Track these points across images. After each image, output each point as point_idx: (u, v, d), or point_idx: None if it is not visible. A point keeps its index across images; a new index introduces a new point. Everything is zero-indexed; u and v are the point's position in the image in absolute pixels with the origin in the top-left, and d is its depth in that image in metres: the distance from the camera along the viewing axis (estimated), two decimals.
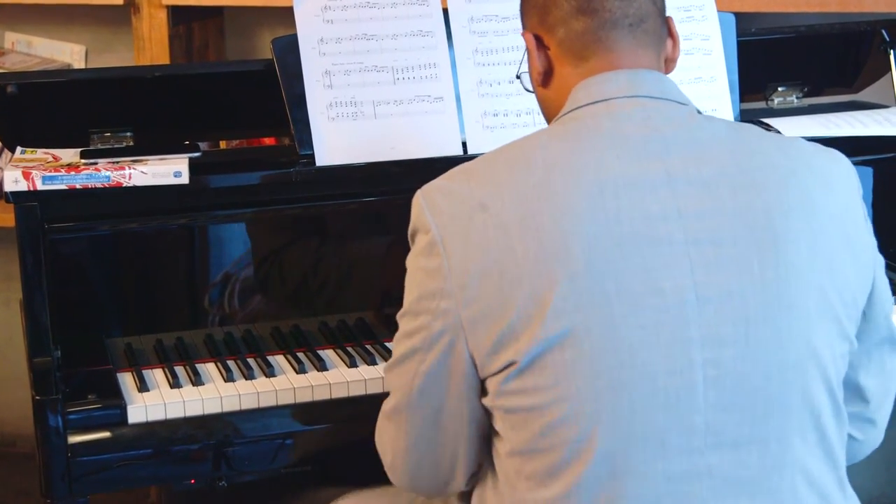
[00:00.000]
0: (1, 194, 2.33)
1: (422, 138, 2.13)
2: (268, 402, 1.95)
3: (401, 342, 1.54)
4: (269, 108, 2.13)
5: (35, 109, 2.16)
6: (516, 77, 1.78)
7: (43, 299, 1.96)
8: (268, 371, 2.00)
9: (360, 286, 2.16)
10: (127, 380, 1.97)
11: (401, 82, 2.14)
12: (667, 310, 1.43)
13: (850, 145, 1.84)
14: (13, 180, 1.93)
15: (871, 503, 2.89)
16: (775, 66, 2.52)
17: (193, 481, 1.99)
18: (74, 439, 1.87)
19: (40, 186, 1.94)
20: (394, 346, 1.56)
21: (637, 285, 1.42)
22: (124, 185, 1.97)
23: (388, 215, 2.15)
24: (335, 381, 1.99)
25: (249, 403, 1.94)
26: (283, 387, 1.96)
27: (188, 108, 2.27)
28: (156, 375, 2.00)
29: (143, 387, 1.94)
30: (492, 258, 1.43)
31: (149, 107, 2.23)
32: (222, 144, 2.67)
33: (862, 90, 2.62)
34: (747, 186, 1.47)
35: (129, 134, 2.14)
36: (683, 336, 1.43)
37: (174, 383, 1.95)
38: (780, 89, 2.51)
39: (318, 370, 2.02)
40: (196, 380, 1.97)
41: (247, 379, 1.98)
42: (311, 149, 2.09)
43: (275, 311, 2.14)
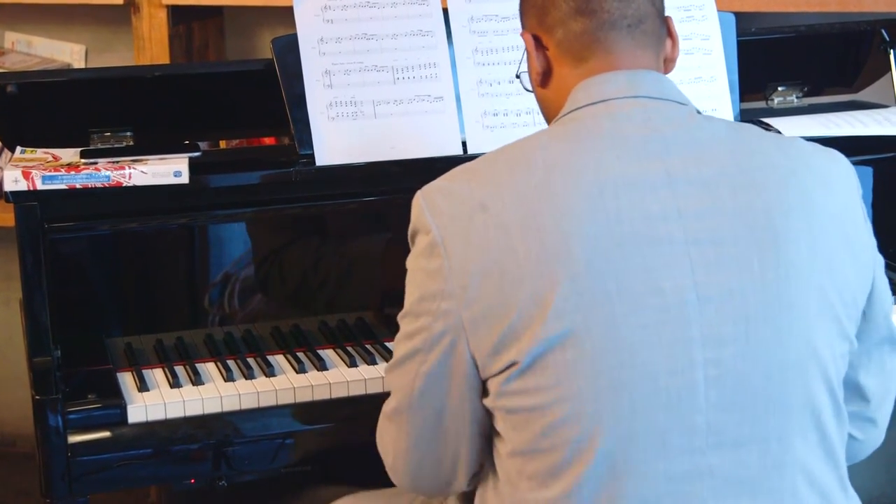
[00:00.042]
0: (1, 194, 2.33)
1: (422, 138, 2.13)
2: (268, 401, 1.95)
3: (402, 343, 1.54)
4: (269, 108, 2.13)
5: (35, 109, 2.16)
6: (516, 77, 1.78)
7: (43, 299, 1.96)
8: (268, 371, 2.00)
9: (360, 286, 2.16)
10: (127, 379, 1.97)
11: (401, 82, 2.14)
12: (667, 309, 1.43)
13: (849, 145, 1.84)
14: (13, 180, 1.93)
15: (871, 503, 2.89)
16: (775, 65, 2.52)
17: (193, 481, 1.99)
18: (74, 439, 1.87)
19: (40, 186, 1.94)
20: (395, 347, 1.56)
21: (638, 285, 1.42)
22: (124, 184, 1.97)
23: (388, 215, 2.15)
24: (335, 380, 1.99)
25: (249, 403, 1.94)
26: (283, 386, 1.96)
27: (188, 107, 2.27)
28: (156, 375, 2.00)
29: (143, 386, 1.94)
30: (492, 258, 1.43)
31: (149, 106, 2.23)
32: (222, 144, 2.67)
33: (862, 90, 2.61)
34: (747, 186, 1.47)
35: (129, 134, 2.14)
36: (684, 336, 1.43)
37: (174, 383, 1.95)
38: (780, 89, 2.51)
39: (318, 370, 2.02)
40: (196, 379, 1.97)
41: (247, 379, 1.98)
42: (311, 148, 2.09)
43: (275, 310, 2.14)
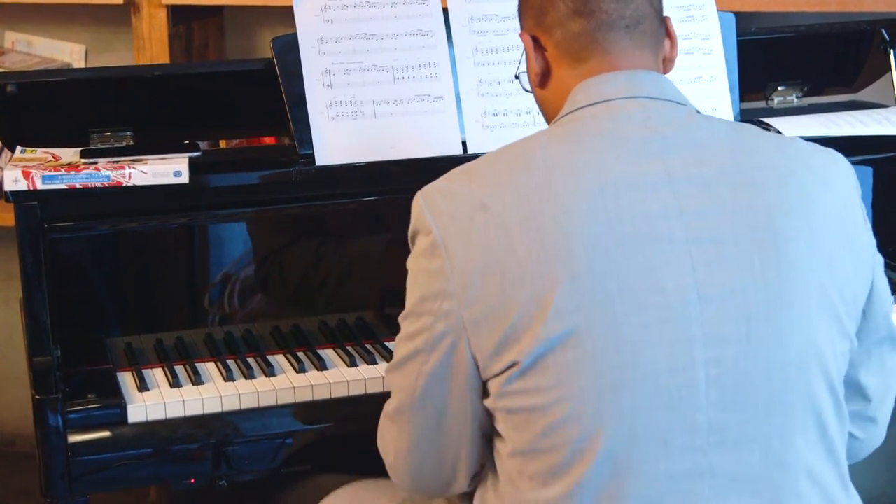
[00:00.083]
0: (1, 193, 2.32)
1: (422, 138, 2.13)
2: (268, 401, 1.95)
3: (403, 343, 1.54)
4: (269, 108, 2.13)
5: (35, 109, 2.16)
6: (515, 77, 1.78)
7: (43, 298, 1.95)
8: (268, 370, 2.00)
9: (360, 286, 2.16)
10: (127, 379, 1.97)
11: (401, 82, 2.14)
12: (669, 308, 1.43)
13: (849, 145, 1.85)
14: (13, 180, 1.93)
15: (871, 503, 2.89)
16: (775, 65, 2.52)
17: (193, 481, 1.98)
18: (74, 439, 1.87)
19: (40, 186, 1.94)
20: (396, 348, 1.56)
21: (639, 284, 1.43)
22: (124, 184, 1.97)
23: (388, 215, 2.15)
24: (335, 380, 1.99)
25: (249, 403, 1.94)
26: (282, 386, 1.96)
27: (188, 107, 2.27)
28: (156, 375, 2.00)
29: (142, 386, 1.94)
30: (493, 259, 1.43)
31: (149, 106, 2.23)
32: (222, 144, 2.67)
33: (862, 90, 2.61)
34: (747, 186, 1.47)
35: (129, 133, 2.14)
36: (685, 335, 1.43)
37: (174, 383, 1.95)
38: (780, 89, 2.51)
39: (317, 370, 2.02)
40: (196, 379, 1.97)
41: (247, 378, 1.98)
42: (311, 148, 2.09)
43: (275, 310, 2.14)
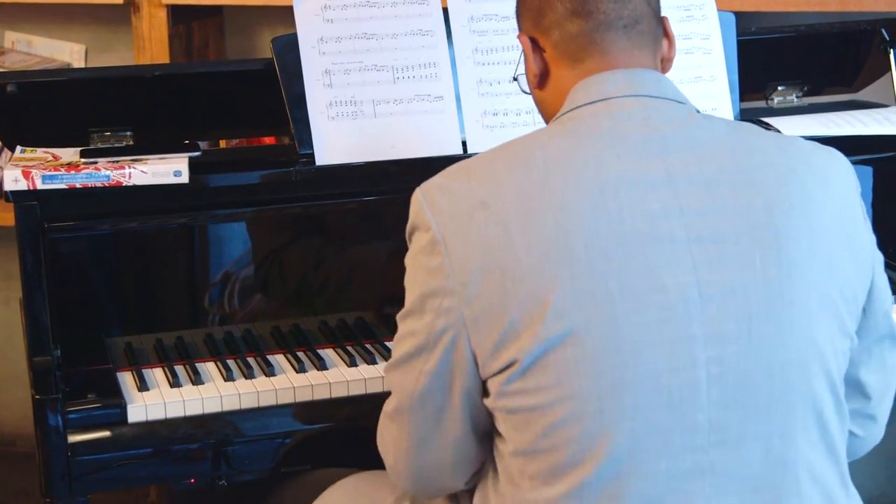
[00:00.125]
0: (1, 193, 2.32)
1: (422, 137, 2.13)
2: (267, 401, 1.95)
3: (403, 341, 1.53)
4: (269, 108, 2.13)
5: (35, 108, 2.16)
6: (513, 79, 1.78)
7: (43, 298, 1.95)
8: (267, 370, 2.00)
9: (360, 285, 2.16)
10: (127, 379, 1.97)
11: (401, 81, 2.14)
12: (670, 307, 1.43)
13: (849, 144, 1.84)
14: (13, 179, 1.93)
15: (871, 502, 2.89)
16: (775, 65, 2.52)
17: (193, 480, 1.98)
18: (74, 438, 1.87)
19: (40, 185, 1.94)
20: (395, 346, 1.56)
21: (640, 283, 1.42)
22: (124, 184, 1.97)
23: (388, 215, 2.14)
24: (335, 380, 1.99)
25: (249, 403, 1.94)
26: (282, 386, 1.96)
27: (188, 107, 2.27)
28: (156, 375, 2.00)
29: (142, 386, 1.94)
30: (493, 256, 1.43)
31: (149, 106, 2.23)
32: (222, 144, 2.67)
33: (862, 89, 2.61)
34: (747, 184, 1.47)
35: (128, 133, 2.14)
36: (686, 334, 1.43)
37: (174, 382, 1.95)
38: (780, 88, 2.51)
39: (317, 369, 2.02)
40: (196, 379, 1.97)
41: (247, 378, 1.98)
42: (311, 148, 2.09)
43: (275, 310, 2.14)
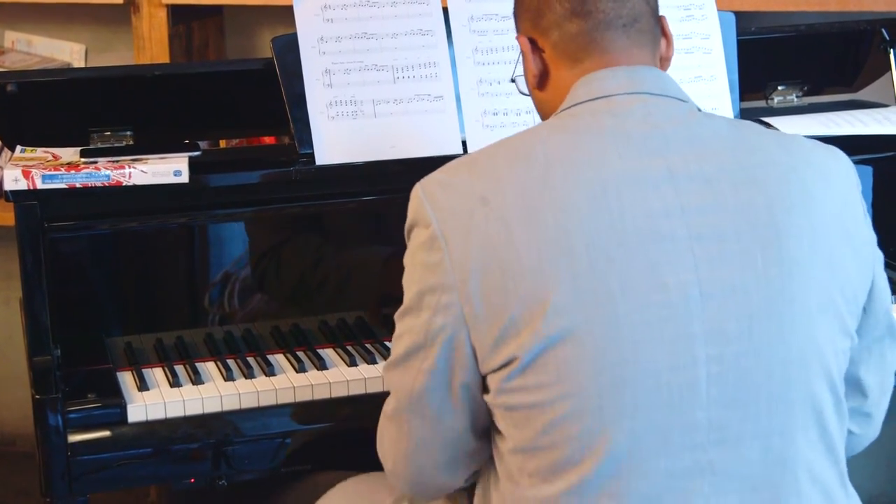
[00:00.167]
0: (1, 193, 2.32)
1: (422, 137, 2.13)
2: (267, 401, 1.95)
3: (402, 340, 1.52)
4: (269, 107, 2.13)
5: (35, 108, 2.16)
6: (511, 80, 1.78)
7: (43, 298, 1.95)
8: (267, 370, 2.00)
9: (360, 285, 2.16)
10: (127, 379, 1.97)
11: (401, 81, 2.14)
12: (670, 306, 1.43)
13: (849, 144, 1.84)
14: (13, 179, 1.93)
15: (871, 502, 2.89)
16: (775, 65, 2.52)
17: (193, 480, 1.98)
18: (74, 438, 1.87)
19: (40, 185, 1.94)
20: (393, 345, 1.55)
21: (641, 281, 1.42)
22: (124, 184, 1.97)
23: (388, 214, 2.15)
24: (335, 380, 1.99)
25: (249, 402, 1.94)
26: (282, 386, 1.96)
27: (188, 107, 2.27)
28: (156, 374, 2.00)
29: (142, 386, 1.94)
30: (493, 253, 1.43)
31: (149, 106, 2.23)
32: (222, 143, 2.67)
33: (862, 89, 2.61)
34: (748, 183, 1.47)
35: (128, 133, 2.14)
36: (687, 332, 1.43)
37: (174, 382, 1.95)
38: (780, 88, 2.51)
39: (317, 369, 2.02)
40: (196, 379, 1.97)
41: (247, 378, 1.98)
42: (311, 148, 2.09)
43: (275, 310, 2.14)
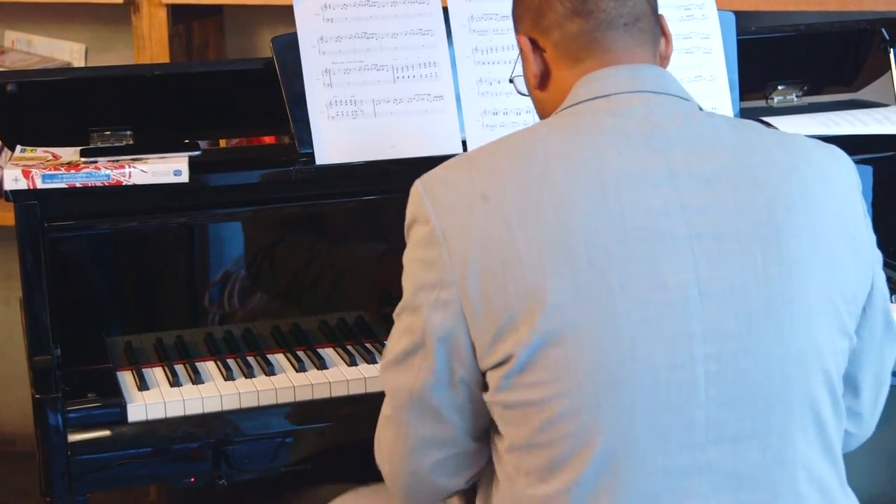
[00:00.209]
0: (1, 192, 2.33)
1: (422, 137, 2.13)
2: (267, 400, 1.95)
3: (400, 338, 1.52)
4: (269, 107, 2.13)
5: (35, 108, 2.16)
6: (509, 81, 1.78)
7: (43, 298, 1.95)
8: (268, 370, 2.00)
9: (360, 285, 2.16)
10: (127, 378, 1.97)
11: (401, 81, 2.14)
12: (669, 304, 1.43)
13: (850, 144, 1.84)
14: (13, 179, 1.93)
15: (871, 502, 2.89)
16: (775, 64, 2.52)
17: (193, 480, 1.98)
18: (74, 438, 1.87)
19: (40, 185, 1.94)
20: (390, 345, 1.54)
21: (641, 279, 1.42)
22: (124, 183, 1.97)
23: (388, 214, 2.14)
24: (335, 379, 1.99)
25: (249, 402, 1.94)
26: (282, 385, 1.96)
27: (188, 106, 2.27)
28: (156, 374, 2.00)
29: (142, 385, 1.94)
30: (492, 250, 1.43)
31: (149, 105, 2.23)
32: (222, 143, 2.67)
33: (862, 89, 2.61)
34: (749, 182, 1.47)
35: (129, 132, 2.14)
36: (685, 330, 1.43)
37: (174, 382, 1.95)
38: (780, 88, 2.51)
39: (317, 368, 2.02)
40: (196, 378, 1.97)
41: (247, 377, 1.98)
42: (311, 147, 2.09)
43: (275, 309, 2.14)
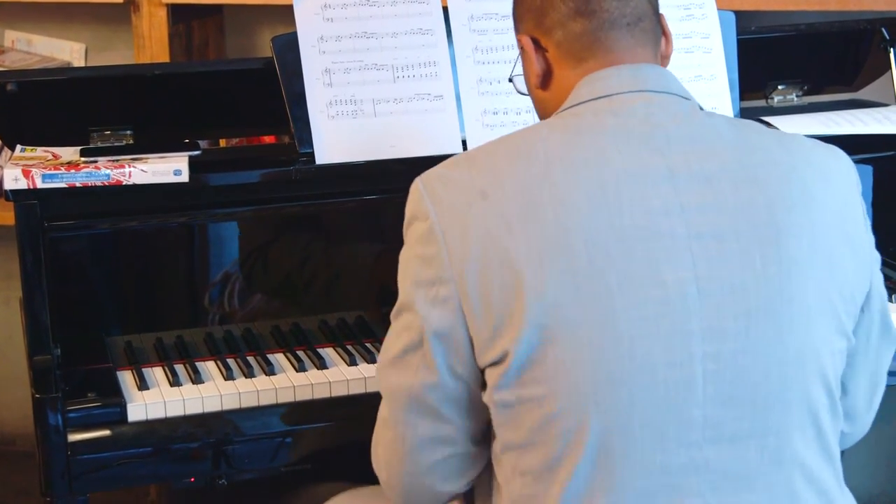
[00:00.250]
0: (1, 192, 2.33)
1: (422, 136, 2.13)
2: (267, 400, 1.95)
3: (398, 338, 1.51)
4: (269, 107, 2.13)
5: (35, 107, 2.16)
6: (509, 80, 1.78)
7: (43, 297, 1.95)
8: (267, 369, 2.00)
9: (360, 284, 2.16)
10: (127, 378, 1.97)
11: (401, 80, 2.14)
12: (668, 302, 1.43)
13: (850, 143, 1.84)
14: (13, 178, 1.93)
15: (871, 502, 2.89)
16: (775, 64, 2.52)
17: (193, 479, 1.99)
18: (74, 437, 1.87)
19: (40, 185, 1.94)
20: (387, 345, 1.53)
21: (640, 277, 1.42)
22: (124, 183, 1.97)
23: (388, 214, 2.14)
24: (335, 379, 1.99)
25: (249, 402, 1.94)
26: (282, 385, 1.96)
27: (188, 106, 2.27)
28: (156, 374, 2.00)
29: (142, 385, 1.94)
30: (492, 247, 1.43)
31: (149, 105, 2.23)
32: (222, 143, 2.67)
33: (862, 88, 2.61)
34: (749, 182, 1.47)
35: (129, 132, 2.14)
36: (684, 329, 1.43)
37: (174, 381, 1.95)
38: (780, 87, 2.51)
39: (317, 368, 2.02)
40: (196, 378, 1.97)
41: (247, 377, 1.98)
42: (311, 147, 2.09)
43: (275, 309, 2.14)
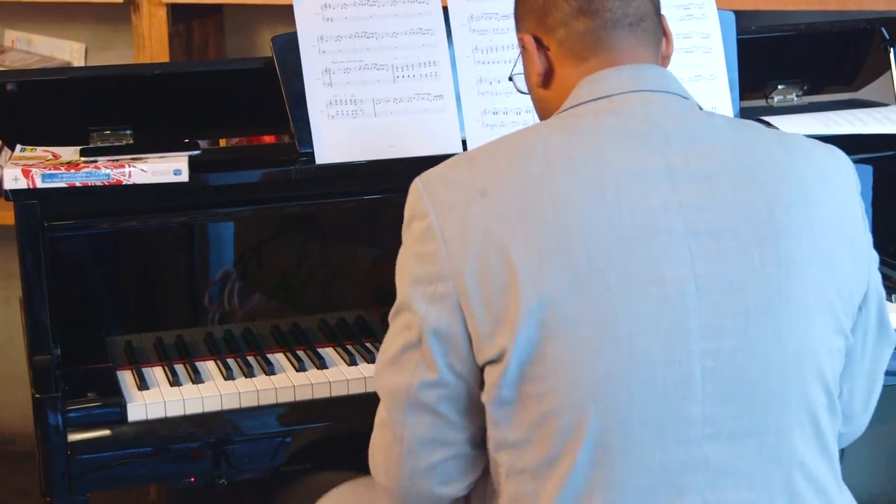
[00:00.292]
0: (1, 192, 2.33)
1: (422, 136, 2.13)
2: (267, 400, 1.95)
3: (397, 337, 1.51)
4: (269, 106, 2.13)
5: (35, 107, 2.16)
6: (509, 79, 1.78)
7: (43, 297, 1.95)
8: (267, 369, 2.00)
9: (360, 284, 2.16)
10: (127, 378, 1.97)
11: (401, 80, 2.14)
12: (667, 300, 1.43)
13: (849, 143, 1.84)
14: (13, 178, 1.93)
15: (870, 501, 2.90)
16: (775, 64, 2.52)
17: (193, 479, 1.98)
18: (74, 437, 1.87)
19: (40, 184, 1.94)
20: (386, 345, 1.53)
21: (639, 275, 1.42)
22: (124, 182, 1.97)
23: (387, 214, 2.14)
24: (335, 379, 1.99)
25: (249, 401, 1.94)
26: (282, 385, 1.96)
27: (188, 106, 2.27)
28: (156, 373, 2.00)
29: (142, 385, 1.94)
30: (491, 244, 1.43)
31: (149, 105, 2.23)
32: (222, 142, 2.67)
33: (862, 88, 2.61)
34: (748, 181, 1.47)
35: (128, 132, 2.14)
36: (683, 326, 1.43)
37: (174, 381, 1.95)
38: (780, 87, 2.51)
39: (317, 368, 2.02)
40: (196, 378, 1.97)
41: (246, 377, 1.98)
42: (311, 147, 2.09)
43: (274, 309, 2.14)
